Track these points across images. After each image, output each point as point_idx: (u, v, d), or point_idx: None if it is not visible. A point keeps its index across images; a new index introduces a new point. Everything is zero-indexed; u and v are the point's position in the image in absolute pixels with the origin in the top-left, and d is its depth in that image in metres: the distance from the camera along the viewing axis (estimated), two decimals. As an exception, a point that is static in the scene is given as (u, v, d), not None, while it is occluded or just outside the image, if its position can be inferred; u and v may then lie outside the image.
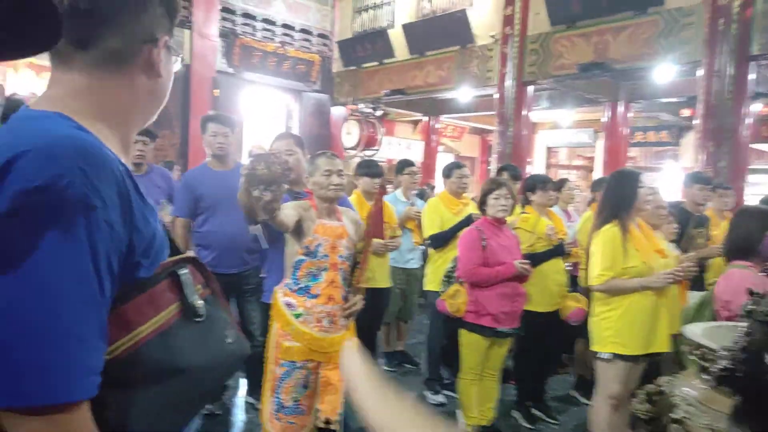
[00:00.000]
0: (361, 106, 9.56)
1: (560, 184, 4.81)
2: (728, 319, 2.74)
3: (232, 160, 3.41)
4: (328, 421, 2.33)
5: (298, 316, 2.30)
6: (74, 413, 0.66)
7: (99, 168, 0.70)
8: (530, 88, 7.48)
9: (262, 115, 9.57)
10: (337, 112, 10.13)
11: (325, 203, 2.42)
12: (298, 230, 2.33)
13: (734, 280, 2.73)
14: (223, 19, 8.66)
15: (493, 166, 7.57)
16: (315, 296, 2.31)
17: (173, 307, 0.81)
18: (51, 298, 0.65)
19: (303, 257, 2.32)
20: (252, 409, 3.44)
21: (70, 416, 0.66)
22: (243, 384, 3.72)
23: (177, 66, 0.93)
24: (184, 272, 0.84)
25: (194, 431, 1.44)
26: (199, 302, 0.85)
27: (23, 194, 0.65)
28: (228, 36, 8.73)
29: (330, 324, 2.32)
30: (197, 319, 0.84)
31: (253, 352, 3.24)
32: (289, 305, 2.32)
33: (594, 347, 2.79)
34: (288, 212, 2.24)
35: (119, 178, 0.74)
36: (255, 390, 3.45)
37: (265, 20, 9.20)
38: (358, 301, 2.43)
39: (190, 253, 0.92)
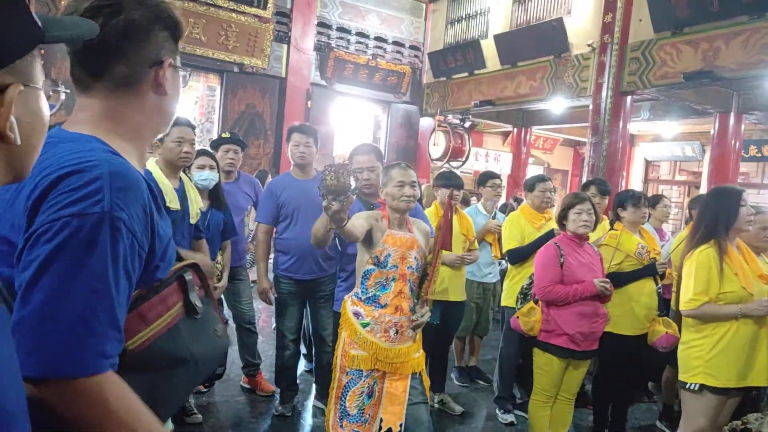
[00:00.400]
0: (449, 117, 9.53)
1: (655, 201, 4.52)
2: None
3: (313, 169, 3.52)
4: (390, 431, 2.32)
5: (365, 325, 2.32)
6: (92, 383, 0.78)
7: (127, 188, 0.83)
8: (628, 99, 7.10)
9: (352, 126, 9.81)
10: (425, 123, 10.17)
11: (397, 214, 2.43)
12: (369, 240, 2.36)
13: None
14: (319, 33, 9.00)
15: (585, 180, 7.25)
16: (383, 306, 2.32)
17: (179, 306, 0.94)
18: (79, 293, 0.77)
19: (372, 267, 2.35)
20: (320, 413, 3.50)
21: (89, 385, 0.78)
22: (313, 389, 3.80)
23: (185, 82, 1.04)
24: (188, 275, 0.97)
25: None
26: (198, 302, 0.97)
27: (66, 206, 0.78)
28: (323, 49, 9.06)
29: (396, 334, 2.32)
30: (196, 316, 0.96)
31: (325, 359, 3.33)
32: (357, 314, 2.35)
33: (682, 377, 2.58)
34: (359, 222, 2.28)
35: (145, 195, 0.86)
36: (324, 395, 3.52)
37: (359, 33, 9.45)
38: (425, 313, 2.41)
39: (192, 259, 1.04)
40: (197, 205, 2.69)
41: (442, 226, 2.42)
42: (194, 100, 8.33)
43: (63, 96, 0.99)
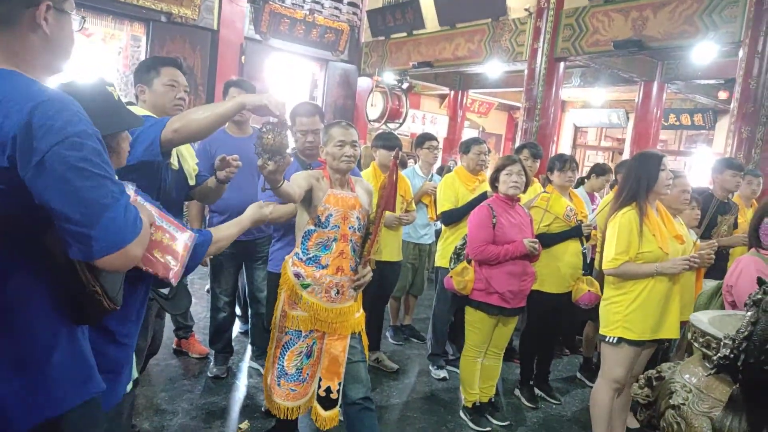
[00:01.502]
0: (387, 77, 9.44)
1: (603, 171, 4.77)
2: (732, 304, 2.68)
3: (250, 127, 3.40)
4: (329, 390, 2.34)
5: (306, 286, 2.29)
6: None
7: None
8: (561, 65, 7.27)
9: (288, 84, 9.53)
10: (363, 83, 10.03)
11: (338, 174, 2.38)
12: (309, 200, 2.31)
13: (741, 265, 2.65)
14: (253, -17, 8.58)
15: (518, 144, 7.44)
16: (324, 267, 2.29)
17: None
18: (102, 192, 1.00)
19: (313, 227, 2.30)
20: (256, 374, 3.50)
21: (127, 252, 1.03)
22: (248, 349, 3.78)
23: (76, 25, 1.14)
24: None
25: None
26: None
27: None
28: (257, 2, 8.65)
29: (338, 295, 2.31)
30: None
31: (260, 320, 3.30)
32: (297, 275, 2.31)
33: (602, 330, 2.74)
34: (297, 182, 2.21)
35: None
36: (260, 356, 3.51)
37: (295, -14, 9.09)
38: (367, 274, 2.41)
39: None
40: (193, 161, 2.42)
41: (386, 187, 2.40)
42: (117, 51, 7.79)
43: None
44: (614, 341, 2.66)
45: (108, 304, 1.12)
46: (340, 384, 2.36)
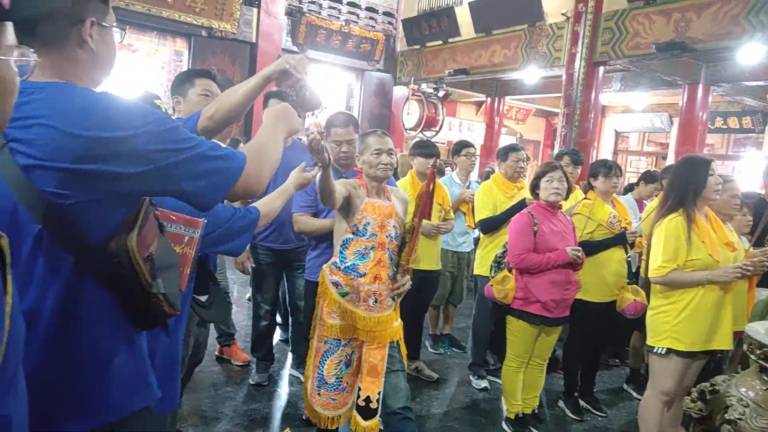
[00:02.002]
0: (423, 86, 9.44)
1: (653, 178, 4.70)
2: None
3: (290, 137, 3.43)
4: (368, 400, 2.34)
5: (344, 294, 2.30)
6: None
7: None
8: (601, 69, 7.13)
9: (325, 94, 9.64)
10: (399, 91, 10.07)
11: (374, 182, 2.39)
12: (347, 208, 2.32)
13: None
14: (290, -4, 8.75)
15: (557, 151, 7.32)
16: (362, 275, 2.29)
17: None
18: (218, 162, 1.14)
19: (351, 236, 2.31)
20: (297, 382, 3.52)
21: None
22: (289, 357, 3.81)
23: (117, 37, 1.17)
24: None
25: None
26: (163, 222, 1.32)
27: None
28: (294, 14, 8.82)
29: (375, 303, 2.31)
30: (163, 233, 1.27)
31: (300, 328, 3.32)
32: (335, 284, 2.32)
33: (650, 341, 2.66)
34: (337, 188, 2.23)
35: None
36: (300, 364, 3.53)
37: (331, -2, 9.22)
38: (406, 282, 2.39)
39: None
40: None
41: (423, 195, 2.39)
42: (161, 65, 8.05)
43: (33, 62, 1.03)
44: (663, 352, 2.58)
45: (168, 308, 1.15)
46: (379, 393, 2.34)
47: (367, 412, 2.32)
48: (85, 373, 1.07)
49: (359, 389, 2.33)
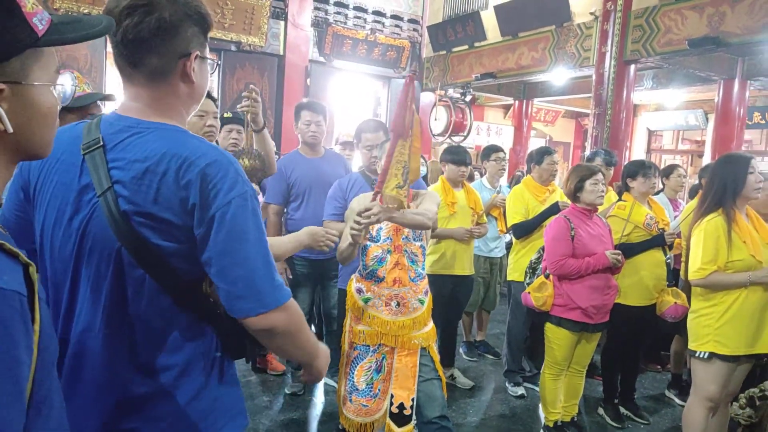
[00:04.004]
0: (449, 91, 9.41)
1: (669, 171, 4.48)
2: None
3: (322, 148, 3.48)
4: (402, 407, 2.33)
5: (366, 300, 2.34)
6: (289, 305, 1.08)
7: (239, 169, 1.07)
8: (632, 67, 7.00)
9: (351, 103, 9.71)
10: (425, 98, 10.06)
11: None
12: None
13: None
14: (316, 8, 8.84)
15: (588, 152, 7.19)
16: (381, 279, 2.32)
17: None
18: (261, 247, 1.05)
19: (368, 242, 2.37)
20: (332, 390, 3.53)
21: (288, 307, 1.08)
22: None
23: (213, 69, 1.19)
24: None
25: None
26: None
27: (229, 190, 1.03)
28: (320, 25, 8.91)
29: (399, 307, 2.31)
30: None
31: (334, 336, 3.35)
32: (358, 290, 2.37)
33: (691, 345, 2.59)
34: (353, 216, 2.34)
35: None
36: (335, 373, 3.53)
37: (357, 8, 9.28)
38: (374, 208, 2.09)
39: None
40: None
41: (399, 103, 2.23)
42: (192, 81, 8.25)
43: (71, 89, 1.04)
44: (705, 356, 2.50)
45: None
46: (413, 400, 2.34)
47: (400, 419, 2.32)
48: (189, 403, 1.09)
49: (392, 396, 2.34)
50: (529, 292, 3.00)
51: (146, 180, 1.00)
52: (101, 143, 1.04)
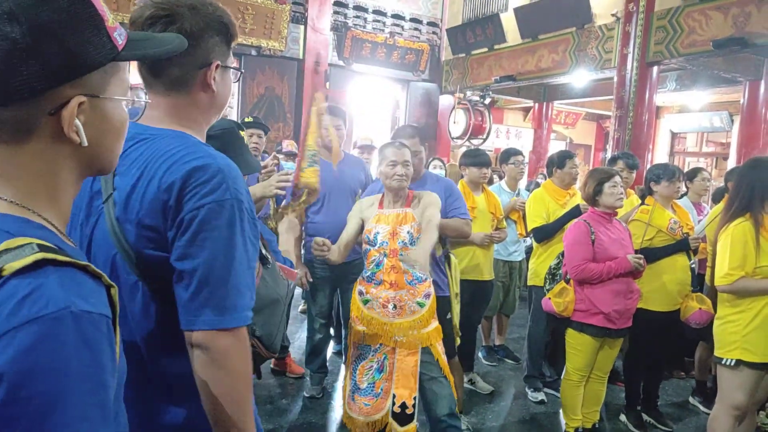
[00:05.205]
0: (468, 94, 9.38)
1: (693, 174, 4.38)
2: None
3: (342, 151, 3.50)
4: (404, 406, 2.36)
5: (366, 302, 2.42)
6: (242, 332, 0.99)
7: (237, 176, 1.02)
8: (655, 69, 6.90)
9: (371, 106, 9.74)
10: (445, 101, 10.04)
11: (390, 192, 2.48)
12: (364, 225, 2.49)
13: None
14: (335, 12, 8.90)
15: (611, 155, 7.10)
16: (380, 282, 2.40)
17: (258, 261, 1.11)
18: (228, 260, 0.97)
19: (368, 247, 2.44)
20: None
21: (240, 333, 0.99)
22: (342, 369, 3.84)
23: (236, 78, 1.18)
24: None
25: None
26: (267, 254, 1.19)
27: (205, 195, 0.97)
28: (340, 29, 8.96)
29: (396, 309, 2.37)
30: (268, 266, 1.19)
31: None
32: (360, 293, 2.46)
33: (718, 352, 2.53)
34: (350, 223, 2.52)
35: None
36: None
37: (376, 11, 9.31)
38: (281, 179, 2.25)
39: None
40: None
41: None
42: (213, 85, 8.34)
43: (143, 104, 1.08)
44: (732, 364, 2.45)
45: (265, 353, 1.15)
46: (415, 399, 2.38)
47: (403, 418, 2.37)
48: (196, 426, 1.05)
49: (394, 396, 2.37)
50: (549, 298, 2.96)
51: (139, 186, 0.99)
52: None
